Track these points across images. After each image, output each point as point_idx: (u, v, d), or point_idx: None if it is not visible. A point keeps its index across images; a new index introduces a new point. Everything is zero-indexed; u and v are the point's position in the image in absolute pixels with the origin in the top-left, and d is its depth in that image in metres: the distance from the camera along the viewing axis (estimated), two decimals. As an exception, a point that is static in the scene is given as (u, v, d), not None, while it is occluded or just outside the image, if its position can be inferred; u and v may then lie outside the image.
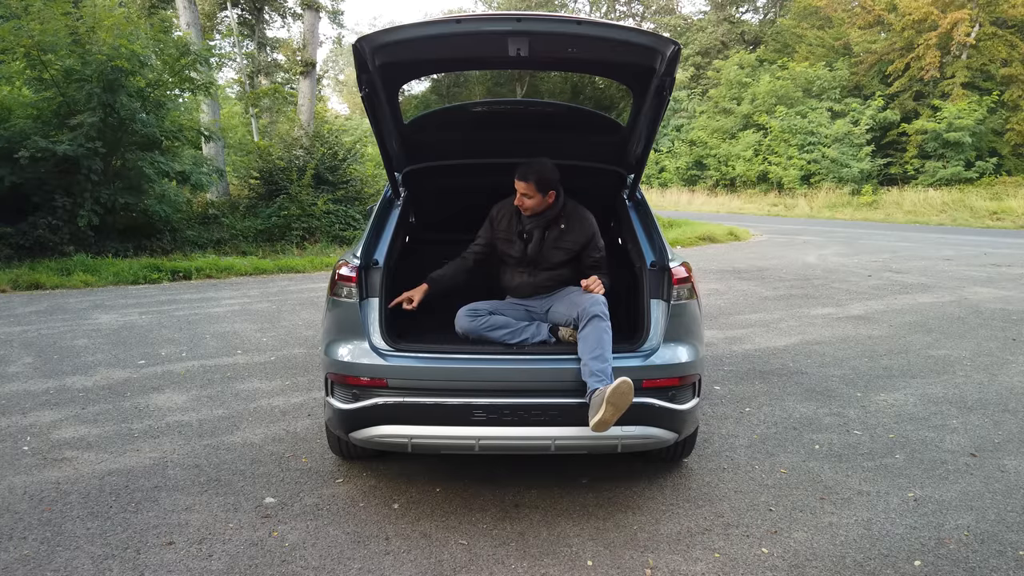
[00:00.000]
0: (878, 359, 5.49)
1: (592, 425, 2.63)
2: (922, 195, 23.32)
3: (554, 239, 3.28)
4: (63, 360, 5.29)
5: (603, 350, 2.79)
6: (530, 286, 3.35)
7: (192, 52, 11.07)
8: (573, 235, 3.28)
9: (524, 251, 3.31)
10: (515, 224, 3.33)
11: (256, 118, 20.82)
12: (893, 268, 10.67)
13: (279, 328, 6.47)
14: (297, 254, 11.56)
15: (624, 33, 2.78)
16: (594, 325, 2.85)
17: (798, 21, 33.55)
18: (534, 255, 3.30)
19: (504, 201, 3.40)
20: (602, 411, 2.59)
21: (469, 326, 3.15)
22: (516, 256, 3.34)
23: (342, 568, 2.56)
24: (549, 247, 3.28)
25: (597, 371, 2.72)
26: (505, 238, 3.36)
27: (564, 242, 3.28)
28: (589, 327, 2.86)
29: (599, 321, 2.86)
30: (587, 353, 2.79)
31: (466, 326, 3.16)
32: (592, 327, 2.85)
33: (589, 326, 2.86)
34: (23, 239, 9.56)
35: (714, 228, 16.51)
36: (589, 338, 2.83)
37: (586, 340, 2.83)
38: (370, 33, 2.69)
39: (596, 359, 2.76)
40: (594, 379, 2.71)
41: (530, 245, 3.29)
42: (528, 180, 3.15)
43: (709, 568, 2.57)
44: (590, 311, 2.89)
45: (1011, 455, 3.64)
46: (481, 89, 4.22)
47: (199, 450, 3.63)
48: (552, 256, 3.29)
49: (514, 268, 3.38)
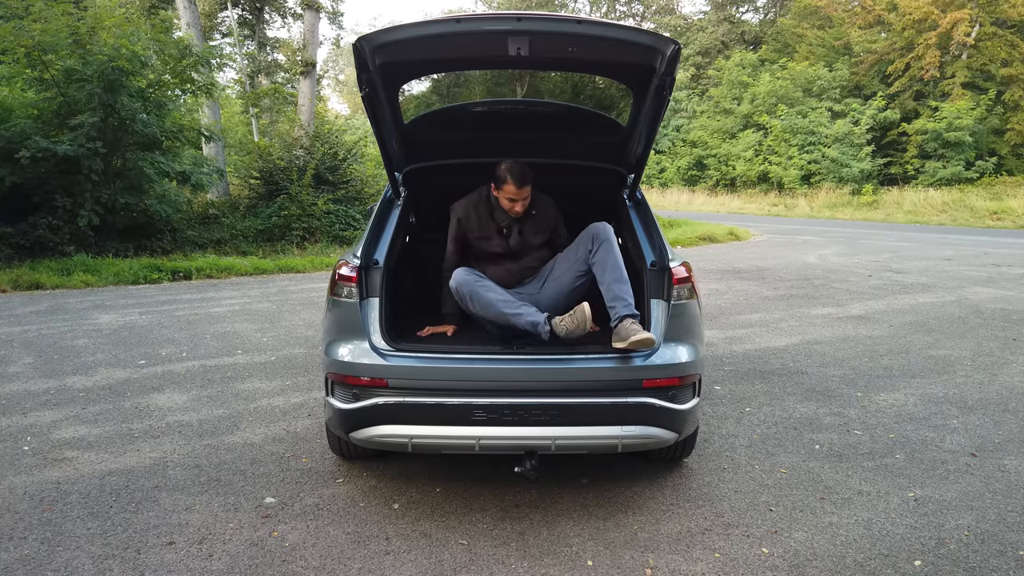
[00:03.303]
0: (878, 359, 5.49)
1: (629, 342, 2.75)
2: (922, 195, 23.32)
3: (532, 226, 3.42)
4: (63, 360, 5.29)
5: (620, 271, 3.02)
6: (517, 274, 3.42)
7: (194, 54, 11.08)
8: (545, 217, 3.47)
9: (506, 245, 3.40)
10: (488, 222, 3.39)
11: (256, 118, 20.83)
12: (893, 268, 10.66)
13: (279, 328, 6.47)
14: (297, 254, 11.56)
15: (624, 33, 2.78)
16: (607, 249, 3.08)
17: (798, 21, 33.56)
18: (518, 247, 3.40)
19: (464, 201, 3.45)
20: (634, 337, 2.74)
21: (463, 278, 3.13)
22: (498, 251, 3.41)
23: (342, 568, 2.56)
24: (529, 235, 3.41)
25: (622, 294, 2.96)
26: (480, 236, 3.41)
27: (540, 226, 3.45)
28: (603, 251, 3.08)
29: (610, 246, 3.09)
30: (608, 277, 3.01)
31: (461, 278, 3.13)
32: (605, 250, 3.08)
33: (602, 250, 3.08)
34: (23, 239, 9.56)
35: (714, 228, 16.52)
36: (607, 262, 3.04)
37: (603, 266, 3.04)
38: (370, 33, 2.69)
39: (618, 281, 3.00)
40: (621, 304, 2.93)
41: (511, 239, 3.38)
42: (527, 184, 3.22)
43: (709, 568, 2.57)
44: (601, 236, 3.11)
45: (1011, 455, 3.64)
46: (481, 89, 4.23)
47: (199, 450, 3.63)
48: (533, 242, 3.44)
49: (495, 262, 3.43)
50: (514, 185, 3.18)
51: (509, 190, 3.21)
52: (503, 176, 3.21)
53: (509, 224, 3.37)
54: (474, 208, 3.41)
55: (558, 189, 3.62)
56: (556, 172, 3.79)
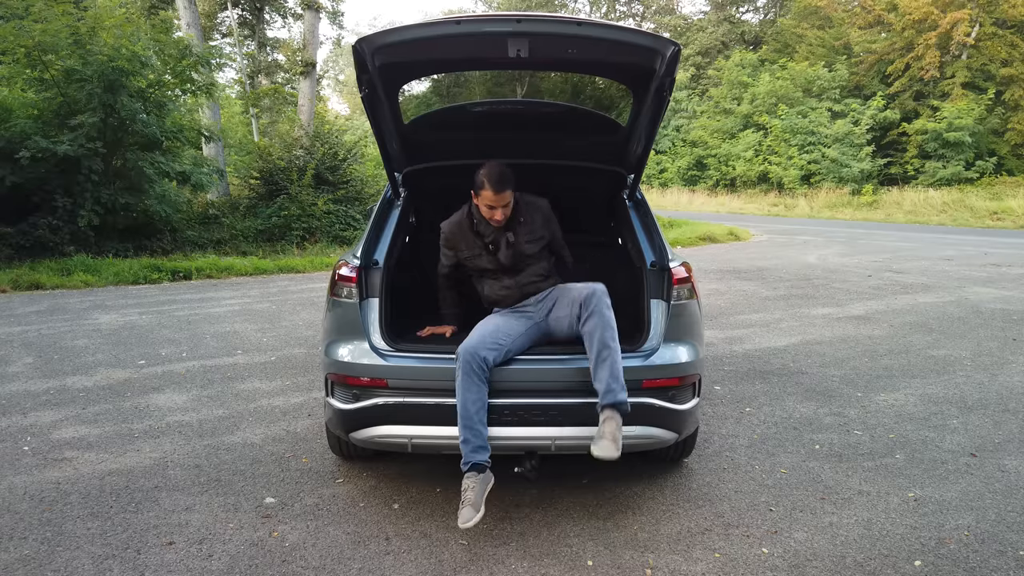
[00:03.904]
0: (878, 359, 5.49)
1: (598, 451, 2.58)
2: (922, 195, 23.33)
3: (523, 236, 3.06)
4: (63, 360, 5.29)
5: (607, 348, 2.71)
6: (516, 293, 3.12)
7: (194, 54, 11.08)
8: (536, 223, 3.10)
9: (497, 261, 3.08)
10: (474, 238, 3.08)
11: (256, 118, 20.84)
12: (893, 268, 10.66)
13: (279, 328, 6.47)
14: (297, 254, 11.56)
15: (624, 34, 2.78)
16: (598, 321, 2.76)
17: (798, 21, 33.56)
18: (509, 261, 3.07)
19: (450, 221, 3.15)
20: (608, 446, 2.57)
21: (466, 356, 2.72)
22: (491, 268, 3.11)
23: (342, 568, 2.56)
24: (520, 245, 3.06)
25: (609, 383, 2.67)
26: (470, 255, 3.12)
27: (532, 233, 3.09)
28: (593, 322, 2.77)
29: (603, 318, 2.77)
30: (594, 357, 2.73)
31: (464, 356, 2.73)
32: (596, 322, 2.76)
33: (592, 321, 2.77)
34: (23, 239, 9.57)
35: (714, 228, 16.52)
36: (595, 336, 2.74)
37: (591, 339, 2.75)
38: (370, 34, 2.70)
39: (603, 362, 2.69)
40: (603, 390, 2.67)
41: (500, 253, 3.06)
42: (507, 188, 2.88)
43: (709, 568, 2.57)
44: (592, 305, 2.78)
45: (1011, 455, 3.64)
46: (481, 90, 4.22)
47: (199, 450, 3.63)
48: (527, 251, 3.08)
49: (491, 279, 3.15)
50: (491, 190, 2.86)
51: (487, 196, 2.89)
52: (480, 181, 2.89)
53: (495, 238, 3.04)
54: (458, 226, 3.11)
55: (558, 189, 3.62)
56: (556, 172, 3.79)
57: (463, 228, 3.10)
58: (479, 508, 2.61)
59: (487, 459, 2.73)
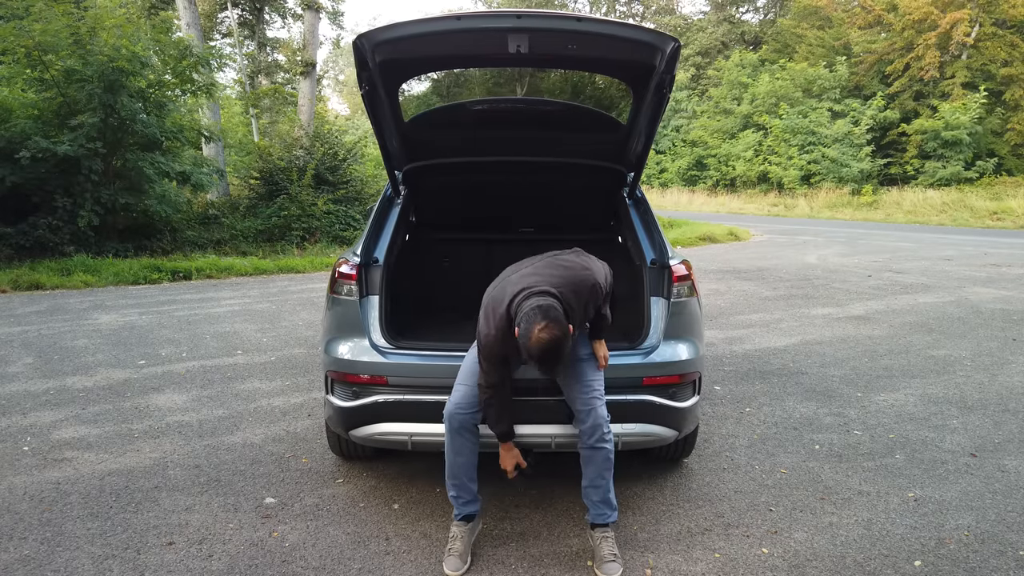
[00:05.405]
0: (878, 359, 5.48)
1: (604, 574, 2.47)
2: (922, 195, 23.34)
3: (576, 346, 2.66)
4: (63, 360, 5.29)
5: (604, 480, 2.59)
6: None
7: (194, 54, 11.08)
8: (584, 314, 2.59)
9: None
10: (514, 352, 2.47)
11: (256, 118, 20.85)
12: (893, 268, 10.66)
13: (279, 328, 6.46)
14: (297, 254, 11.56)
15: (624, 30, 2.78)
16: (598, 450, 2.57)
17: (798, 21, 33.57)
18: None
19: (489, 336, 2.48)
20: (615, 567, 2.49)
21: (460, 416, 2.56)
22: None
23: (342, 568, 2.55)
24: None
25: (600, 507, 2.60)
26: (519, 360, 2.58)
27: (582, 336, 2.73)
28: (592, 450, 2.58)
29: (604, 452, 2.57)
30: (587, 483, 2.62)
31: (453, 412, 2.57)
32: (595, 451, 2.57)
33: (592, 448, 2.57)
34: (23, 239, 9.57)
35: (714, 228, 16.52)
36: (591, 463, 2.59)
37: (589, 464, 2.60)
38: (370, 30, 2.69)
39: (595, 488, 2.59)
40: (590, 504, 2.62)
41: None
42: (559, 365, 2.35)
43: (709, 568, 2.57)
44: (595, 431, 2.55)
45: (1011, 455, 3.63)
46: (481, 88, 4.21)
47: (199, 450, 3.63)
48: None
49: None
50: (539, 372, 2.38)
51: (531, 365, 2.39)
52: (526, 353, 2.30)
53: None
54: (502, 344, 2.47)
55: (558, 187, 3.62)
56: (556, 170, 3.79)
57: (506, 340, 2.46)
58: (466, 560, 2.56)
59: (478, 509, 2.69)
